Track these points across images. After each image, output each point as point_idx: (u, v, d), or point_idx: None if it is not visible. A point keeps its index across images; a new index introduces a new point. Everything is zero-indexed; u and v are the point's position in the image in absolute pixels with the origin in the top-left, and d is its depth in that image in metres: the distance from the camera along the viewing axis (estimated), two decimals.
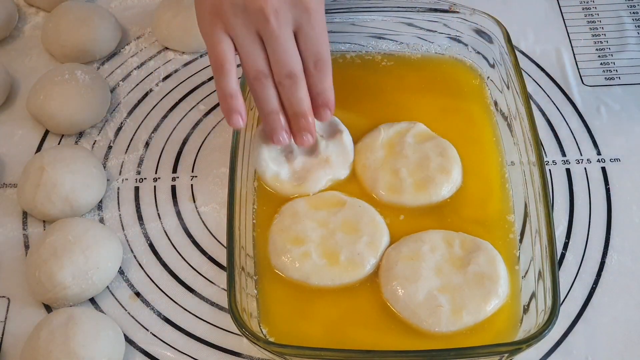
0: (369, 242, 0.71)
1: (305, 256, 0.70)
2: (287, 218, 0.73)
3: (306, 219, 0.72)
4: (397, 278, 0.69)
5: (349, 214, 0.72)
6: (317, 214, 0.72)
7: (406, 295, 0.68)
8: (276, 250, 0.71)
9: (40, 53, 0.92)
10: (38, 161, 0.78)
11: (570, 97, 0.86)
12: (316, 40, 0.71)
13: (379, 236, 0.71)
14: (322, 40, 0.71)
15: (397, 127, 0.79)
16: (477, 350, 0.63)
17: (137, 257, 0.76)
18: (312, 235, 0.71)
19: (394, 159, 0.76)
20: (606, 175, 0.80)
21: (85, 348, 0.66)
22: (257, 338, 0.63)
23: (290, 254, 0.70)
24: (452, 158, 0.76)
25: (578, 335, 0.70)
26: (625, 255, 0.74)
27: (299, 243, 0.71)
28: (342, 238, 0.71)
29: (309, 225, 0.72)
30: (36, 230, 0.78)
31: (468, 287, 0.68)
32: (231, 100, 0.70)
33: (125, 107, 0.87)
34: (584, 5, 0.95)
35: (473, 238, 0.71)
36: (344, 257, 0.70)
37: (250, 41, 0.70)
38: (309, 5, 0.70)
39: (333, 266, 0.70)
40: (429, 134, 0.78)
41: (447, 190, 0.75)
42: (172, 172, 0.82)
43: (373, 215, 0.73)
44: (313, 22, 0.70)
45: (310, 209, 0.73)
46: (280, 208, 0.74)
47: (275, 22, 0.69)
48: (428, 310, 0.67)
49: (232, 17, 0.70)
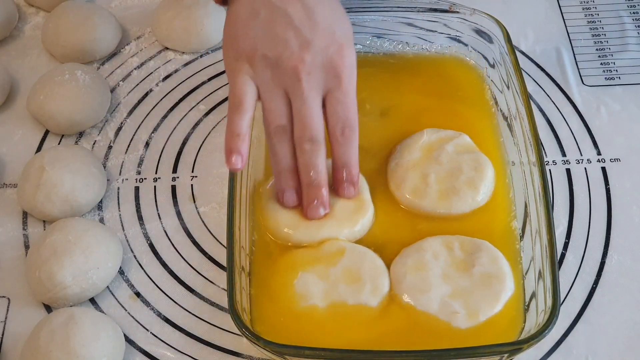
0: (373, 288, 0.69)
1: (313, 310, 0.68)
2: (286, 273, 0.70)
3: (305, 273, 0.69)
4: (409, 290, 0.68)
5: (349, 262, 0.70)
6: (316, 268, 0.70)
7: (420, 306, 0.67)
8: (280, 304, 0.69)
9: (40, 53, 0.92)
10: (38, 161, 0.78)
11: (570, 97, 0.86)
12: (346, 106, 0.69)
13: (381, 281, 0.69)
14: (352, 108, 0.70)
15: (441, 134, 0.78)
16: (477, 350, 0.63)
17: (137, 257, 0.76)
18: (314, 291, 0.68)
19: (427, 163, 0.75)
20: (606, 175, 0.80)
21: (85, 348, 0.66)
22: (257, 338, 0.63)
23: (297, 311, 0.68)
24: (485, 176, 0.75)
25: (578, 335, 0.70)
26: (625, 255, 0.74)
27: (303, 300, 0.68)
28: (344, 289, 0.68)
29: (310, 280, 0.69)
30: (36, 230, 0.78)
31: (477, 289, 0.68)
32: (237, 141, 0.67)
33: (125, 107, 0.87)
34: (584, 5, 0.95)
35: (471, 239, 0.71)
36: (350, 307, 0.68)
37: (276, 95, 0.69)
38: (342, 72, 0.68)
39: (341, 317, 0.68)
40: (471, 147, 0.77)
41: (467, 206, 0.74)
42: (172, 172, 0.82)
43: (373, 259, 0.70)
44: (344, 88, 0.69)
45: (308, 262, 0.70)
46: (277, 261, 0.71)
47: (306, 83, 0.68)
48: (446, 318, 0.67)
49: (262, 69, 0.68)
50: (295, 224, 0.73)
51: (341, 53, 0.69)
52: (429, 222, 0.74)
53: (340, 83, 0.69)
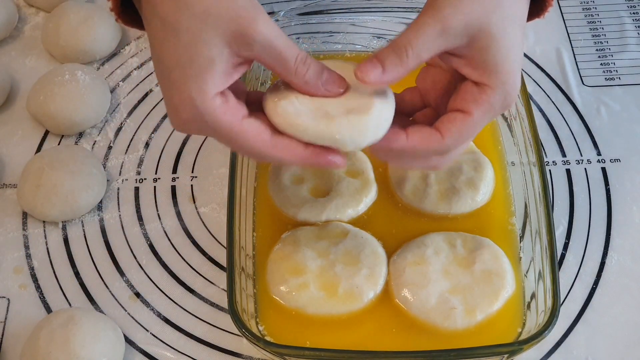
0: (369, 275, 0.69)
1: (303, 287, 0.69)
2: (287, 246, 0.71)
3: (306, 249, 0.70)
4: (407, 285, 0.69)
5: (350, 245, 0.71)
6: (318, 244, 0.71)
7: (418, 301, 0.68)
8: (274, 280, 0.70)
9: (40, 53, 0.92)
10: (38, 161, 0.78)
11: (570, 97, 0.86)
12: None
13: (378, 269, 0.70)
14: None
15: None
16: (477, 350, 0.63)
17: (137, 258, 0.76)
18: (311, 266, 0.69)
19: None
20: (606, 175, 0.80)
21: (85, 348, 0.66)
22: (257, 338, 0.63)
23: (288, 284, 0.69)
24: (485, 176, 0.75)
25: (578, 336, 0.70)
26: (625, 256, 0.74)
27: (297, 273, 0.69)
28: (341, 270, 0.69)
29: (309, 255, 0.70)
30: (36, 230, 0.78)
31: (477, 285, 0.68)
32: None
33: (125, 108, 0.87)
34: (584, 5, 0.95)
35: (473, 236, 0.71)
36: (342, 289, 0.68)
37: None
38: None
39: (331, 298, 0.68)
40: (471, 147, 0.77)
41: (467, 206, 0.74)
42: (172, 173, 0.82)
43: (375, 247, 0.71)
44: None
45: (311, 239, 0.71)
46: (281, 236, 0.73)
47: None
48: (443, 314, 0.67)
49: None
50: (301, 202, 0.73)
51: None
52: (429, 222, 0.74)
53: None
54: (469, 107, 0.59)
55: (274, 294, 0.69)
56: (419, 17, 0.58)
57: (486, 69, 0.58)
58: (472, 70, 0.59)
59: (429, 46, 0.57)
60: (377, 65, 0.58)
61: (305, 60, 0.58)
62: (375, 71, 0.57)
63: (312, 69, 0.58)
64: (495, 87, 0.59)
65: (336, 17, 0.85)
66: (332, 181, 0.75)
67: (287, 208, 0.74)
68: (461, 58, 0.59)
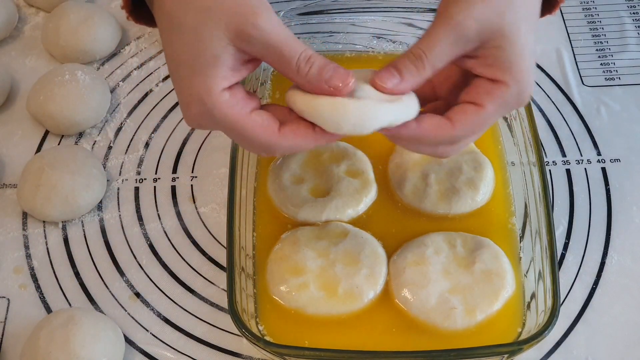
0: (368, 275, 0.69)
1: (303, 287, 0.69)
2: (287, 246, 0.71)
3: (306, 249, 0.70)
4: (407, 284, 0.69)
5: (350, 244, 0.71)
6: (318, 244, 0.71)
7: (418, 301, 0.68)
8: (274, 280, 0.70)
9: (40, 53, 0.92)
10: (38, 162, 0.78)
11: (570, 97, 0.86)
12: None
13: (378, 269, 0.70)
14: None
15: None
16: (477, 351, 0.63)
17: (137, 258, 0.76)
18: (311, 266, 0.69)
19: (427, 163, 0.75)
20: (606, 175, 0.80)
21: (85, 348, 0.66)
22: (257, 338, 0.63)
23: (288, 284, 0.69)
24: (485, 176, 0.75)
25: (578, 336, 0.70)
26: (625, 256, 0.74)
27: (297, 273, 0.69)
28: (341, 270, 0.69)
29: (309, 255, 0.70)
30: (36, 230, 0.78)
31: (477, 285, 0.68)
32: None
33: (125, 108, 0.87)
34: (584, 5, 0.95)
35: (473, 236, 0.71)
36: (342, 289, 0.68)
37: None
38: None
39: (331, 298, 0.68)
40: (470, 147, 0.77)
41: (467, 206, 0.74)
42: (172, 173, 0.81)
43: (375, 247, 0.71)
44: None
45: (311, 239, 0.71)
46: (281, 236, 0.73)
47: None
48: (443, 314, 0.67)
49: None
50: (301, 202, 0.73)
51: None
52: (429, 222, 0.74)
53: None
54: (482, 100, 0.60)
55: (274, 294, 0.69)
56: (432, 26, 0.59)
57: (500, 67, 0.59)
58: (486, 69, 0.59)
59: (444, 55, 0.59)
60: (395, 74, 0.59)
61: (308, 58, 0.58)
62: (393, 80, 0.59)
63: (315, 67, 0.58)
64: (510, 84, 0.59)
65: (336, 17, 0.85)
66: (332, 181, 0.75)
67: (287, 208, 0.74)
68: (475, 59, 0.59)
